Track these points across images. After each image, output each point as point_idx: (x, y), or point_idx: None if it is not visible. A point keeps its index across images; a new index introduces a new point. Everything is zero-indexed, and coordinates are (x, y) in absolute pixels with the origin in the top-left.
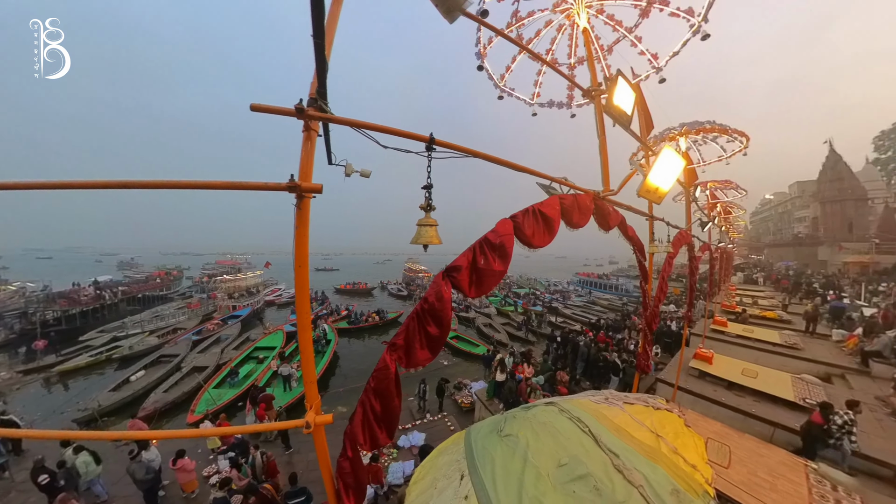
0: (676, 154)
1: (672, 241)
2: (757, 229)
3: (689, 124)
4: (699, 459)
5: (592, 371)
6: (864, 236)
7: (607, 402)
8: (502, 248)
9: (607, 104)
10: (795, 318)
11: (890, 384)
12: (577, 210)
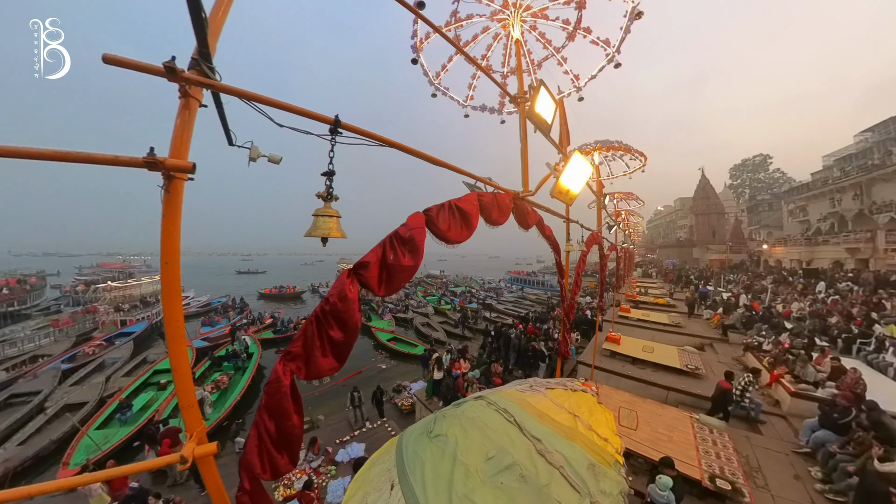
0: (585, 160)
1: (585, 242)
2: (651, 234)
3: (602, 141)
4: (610, 432)
5: (523, 360)
6: (723, 240)
7: (532, 389)
8: (412, 242)
9: (529, 111)
10: (679, 304)
11: (741, 347)
12: (496, 208)
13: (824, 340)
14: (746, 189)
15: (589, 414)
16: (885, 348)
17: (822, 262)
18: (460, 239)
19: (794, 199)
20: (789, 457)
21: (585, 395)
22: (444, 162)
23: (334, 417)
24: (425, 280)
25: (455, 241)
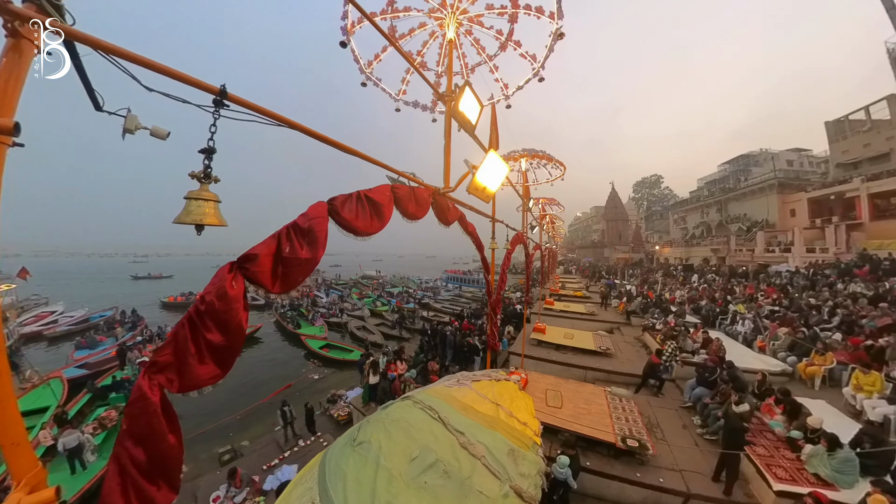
0: (500, 159)
1: (510, 241)
2: (571, 236)
3: (528, 150)
4: (529, 416)
5: (459, 356)
6: (627, 242)
7: (459, 383)
8: (312, 233)
9: (454, 109)
10: (594, 295)
11: (640, 328)
12: (412, 201)
13: (697, 318)
14: (645, 201)
15: (510, 401)
16: (736, 321)
17: (696, 259)
18: (370, 230)
19: (677, 211)
20: (678, 412)
21: (508, 384)
22: (365, 154)
23: (261, 441)
24: (361, 281)
25: (364, 231)
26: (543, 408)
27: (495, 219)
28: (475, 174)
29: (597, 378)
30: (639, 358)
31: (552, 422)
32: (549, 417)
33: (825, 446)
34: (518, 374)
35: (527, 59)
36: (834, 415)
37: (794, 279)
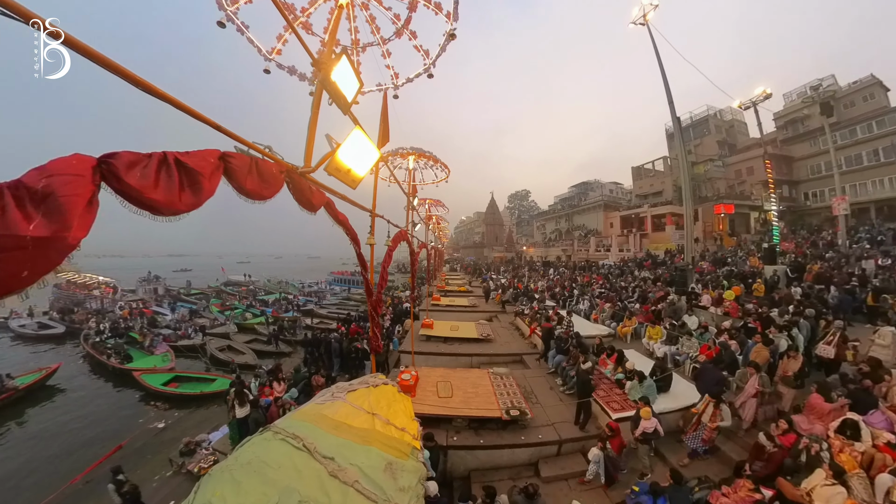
0: (368, 140)
1: (392, 238)
2: (457, 237)
3: (416, 148)
4: (408, 420)
5: (348, 363)
6: (502, 244)
7: (333, 397)
8: (53, 199)
9: (325, 78)
10: (476, 290)
11: (513, 315)
12: (254, 176)
13: (553, 302)
14: (516, 210)
15: (388, 407)
16: (579, 301)
17: (552, 256)
18: (178, 206)
19: (539, 220)
20: (545, 377)
21: (386, 388)
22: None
23: None
24: (224, 290)
25: (168, 207)
26: (436, 400)
27: (375, 213)
28: (337, 152)
29: (481, 362)
30: (513, 339)
31: (445, 412)
32: (442, 408)
33: (637, 380)
34: (409, 373)
35: (420, 53)
36: (639, 357)
37: (612, 270)
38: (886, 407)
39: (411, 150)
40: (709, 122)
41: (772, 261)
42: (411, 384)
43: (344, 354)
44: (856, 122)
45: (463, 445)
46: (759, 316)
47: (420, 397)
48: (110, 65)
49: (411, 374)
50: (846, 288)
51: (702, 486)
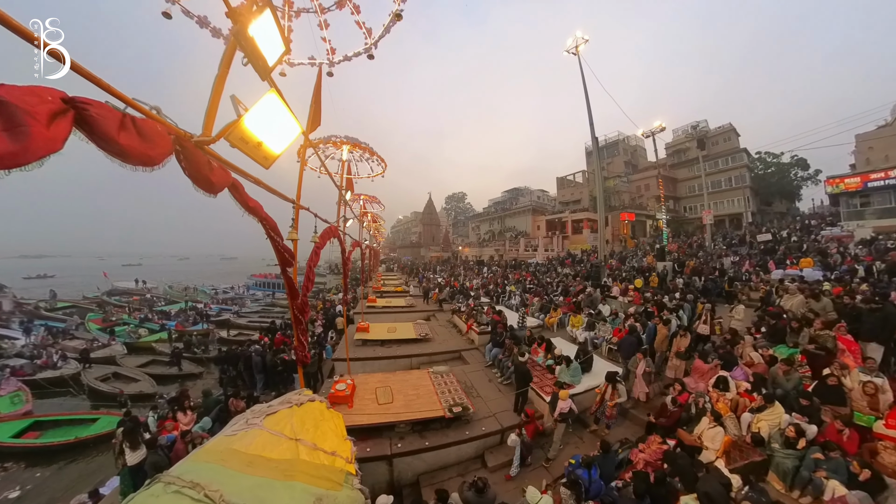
0: (287, 110)
1: (321, 234)
2: (394, 237)
3: (351, 138)
4: (339, 441)
5: (274, 379)
6: (439, 243)
7: (248, 425)
8: None
9: (240, 31)
10: (413, 289)
11: (450, 313)
12: (132, 133)
13: (488, 298)
14: (453, 211)
15: (315, 428)
16: (511, 297)
17: (486, 255)
18: None
19: (475, 221)
20: (484, 371)
21: (312, 406)
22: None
23: None
24: (107, 300)
25: None
26: (376, 408)
27: (300, 205)
28: (243, 118)
29: (422, 362)
30: (452, 337)
31: (387, 419)
32: (383, 415)
33: (565, 364)
34: (344, 382)
35: (362, 31)
36: (565, 344)
37: (539, 268)
38: (743, 364)
39: (345, 139)
40: (618, 145)
41: (662, 258)
42: (347, 394)
43: (268, 369)
44: (718, 156)
45: (408, 451)
46: (655, 302)
47: (358, 407)
48: None
49: (347, 384)
50: (711, 278)
51: (623, 448)
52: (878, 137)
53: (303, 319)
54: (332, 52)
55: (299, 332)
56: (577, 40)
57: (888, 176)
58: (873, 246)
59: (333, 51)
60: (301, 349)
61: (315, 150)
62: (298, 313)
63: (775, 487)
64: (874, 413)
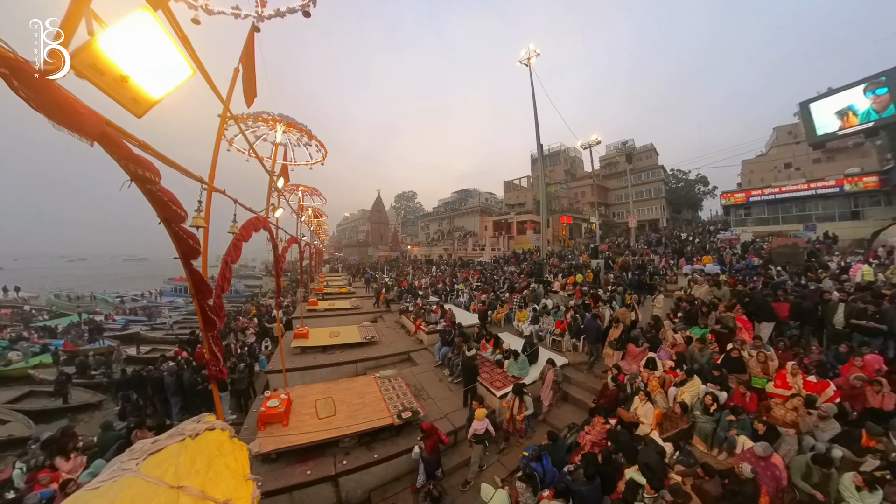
0: (171, 40)
1: (244, 224)
2: (340, 235)
3: (285, 117)
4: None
5: (195, 401)
6: (387, 243)
7: (120, 471)
8: None
9: None
10: (358, 290)
11: (398, 314)
12: None
13: (437, 297)
14: (402, 210)
15: (207, 468)
16: (459, 295)
17: (435, 255)
18: None
19: (424, 221)
20: (434, 371)
21: (208, 438)
22: None
23: None
24: None
25: None
26: (316, 423)
27: (212, 186)
28: (97, 37)
29: (368, 367)
30: (400, 339)
31: (329, 434)
32: (325, 431)
33: (513, 358)
34: (277, 398)
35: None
36: (513, 338)
37: (486, 266)
38: (666, 345)
39: (280, 118)
40: (560, 155)
41: (595, 256)
42: (281, 411)
43: (186, 389)
44: (642, 170)
45: (356, 467)
46: (591, 295)
47: (295, 425)
48: None
49: (280, 399)
50: (636, 273)
51: (571, 432)
52: (756, 163)
53: (216, 324)
54: (263, 3)
55: (211, 340)
56: (530, 52)
57: (763, 193)
58: (752, 245)
59: (264, 2)
60: (214, 362)
61: (239, 125)
62: (212, 316)
63: (700, 448)
64: (766, 377)
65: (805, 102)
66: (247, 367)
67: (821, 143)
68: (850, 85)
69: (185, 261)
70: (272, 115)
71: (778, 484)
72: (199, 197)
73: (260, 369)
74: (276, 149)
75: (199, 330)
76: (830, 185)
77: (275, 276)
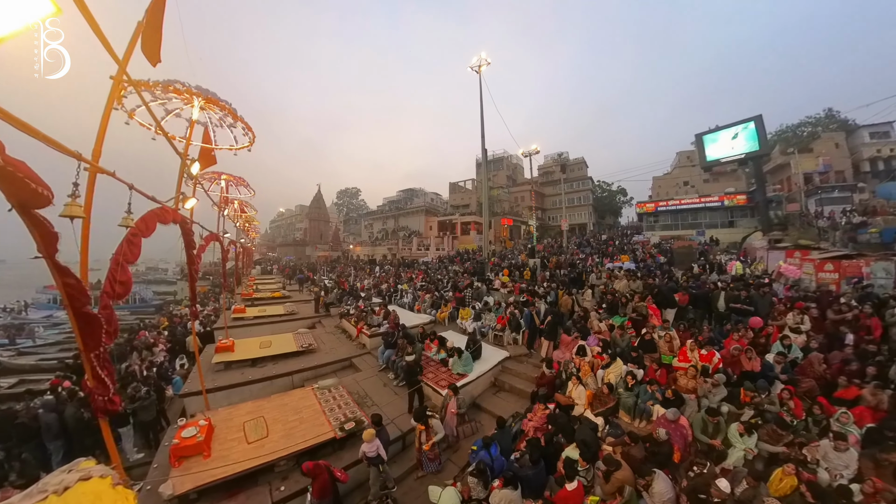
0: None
1: (143, 217)
2: (274, 233)
3: (203, 89)
4: None
5: (83, 443)
6: (327, 241)
7: None
8: None
9: None
10: (293, 294)
11: (338, 317)
12: None
13: (380, 299)
14: (345, 208)
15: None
16: (403, 295)
17: (378, 255)
18: None
19: (368, 219)
20: (378, 376)
21: (82, 490)
22: None
23: None
24: None
25: None
26: (245, 450)
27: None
28: None
29: (305, 378)
30: (340, 344)
31: (261, 460)
32: (256, 458)
33: (457, 356)
34: (195, 425)
35: None
36: (457, 336)
37: (430, 266)
38: (594, 333)
39: (197, 91)
40: (503, 161)
41: (533, 256)
42: (200, 440)
43: (70, 429)
44: (574, 180)
45: (296, 492)
46: (529, 291)
47: (220, 454)
48: None
49: (199, 426)
50: (568, 271)
51: (515, 420)
52: (663, 180)
53: (100, 340)
54: None
55: (95, 362)
56: (481, 60)
57: (668, 204)
58: (660, 246)
59: None
60: (100, 390)
61: (140, 93)
62: (87, 327)
63: (625, 420)
64: (672, 354)
65: (699, 134)
66: (155, 391)
67: (709, 167)
68: (729, 125)
69: (45, 256)
70: (187, 86)
71: (686, 441)
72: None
73: (174, 393)
74: (192, 127)
75: None
76: (715, 200)
77: (188, 279)
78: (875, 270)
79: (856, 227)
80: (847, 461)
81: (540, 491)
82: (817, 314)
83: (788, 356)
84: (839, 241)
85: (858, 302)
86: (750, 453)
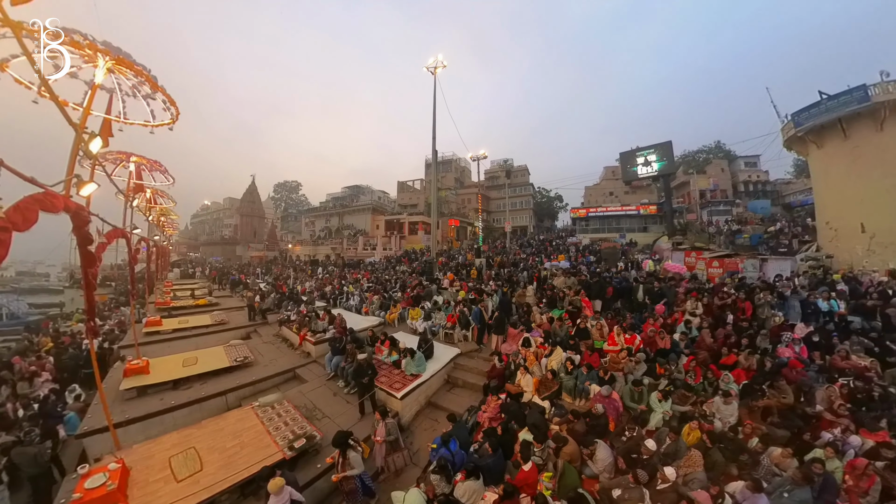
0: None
1: (16, 205)
2: (196, 230)
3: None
4: None
5: None
6: (262, 240)
7: None
8: None
9: None
10: (223, 300)
11: (277, 325)
12: None
13: (324, 302)
14: (283, 203)
15: None
16: (349, 297)
17: (321, 255)
18: None
19: (309, 216)
20: (326, 385)
21: None
22: None
23: None
24: None
25: None
26: (175, 489)
27: None
28: None
29: (242, 397)
30: (281, 354)
31: (199, 497)
32: (192, 494)
33: (410, 357)
34: (104, 470)
35: None
36: (408, 337)
37: (377, 266)
38: (536, 325)
39: (103, 47)
40: (451, 163)
41: (479, 256)
42: (112, 488)
43: None
44: (517, 185)
45: None
46: (477, 290)
47: (143, 502)
48: None
49: (109, 471)
50: (510, 269)
51: (471, 414)
52: (594, 189)
53: None
54: None
55: None
56: (437, 62)
57: (597, 210)
58: (590, 247)
59: None
60: None
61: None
62: None
63: (567, 401)
64: (602, 339)
65: (623, 153)
66: (41, 435)
67: (629, 181)
68: (644, 148)
69: None
70: (91, 39)
71: (618, 412)
72: None
73: (67, 433)
74: (94, 93)
75: None
76: (633, 209)
77: (84, 286)
78: (746, 266)
79: (734, 233)
80: (731, 411)
81: (501, 476)
82: (707, 301)
83: (689, 335)
84: (723, 244)
85: (735, 290)
86: (667, 415)
